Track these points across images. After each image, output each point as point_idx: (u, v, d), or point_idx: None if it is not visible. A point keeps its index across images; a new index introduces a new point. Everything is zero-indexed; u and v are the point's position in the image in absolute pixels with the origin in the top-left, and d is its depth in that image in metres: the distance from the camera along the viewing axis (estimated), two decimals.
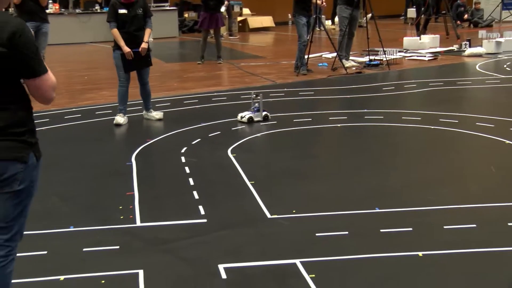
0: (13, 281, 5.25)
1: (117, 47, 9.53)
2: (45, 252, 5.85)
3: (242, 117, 10.80)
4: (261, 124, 10.71)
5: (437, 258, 5.67)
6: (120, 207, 6.92)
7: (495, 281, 5.27)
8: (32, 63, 3.83)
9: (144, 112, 10.84)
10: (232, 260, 5.62)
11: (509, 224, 6.34)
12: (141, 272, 5.42)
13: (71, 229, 6.35)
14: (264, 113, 10.96)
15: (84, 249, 5.89)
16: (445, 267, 5.52)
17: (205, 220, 6.57)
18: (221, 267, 5.51)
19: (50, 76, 3.92)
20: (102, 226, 6.41)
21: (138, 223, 6.51)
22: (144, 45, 9.17)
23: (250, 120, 10.76)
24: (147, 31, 9.67)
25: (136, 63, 9.21)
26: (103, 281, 5.29)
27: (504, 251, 5.75)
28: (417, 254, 5.74)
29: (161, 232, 6.27)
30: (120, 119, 10.53)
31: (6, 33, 3.75)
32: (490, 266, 5.51)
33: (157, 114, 10.63)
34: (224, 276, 5.36)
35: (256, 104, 10.89)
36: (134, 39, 9.26)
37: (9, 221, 4.07)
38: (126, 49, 8.98)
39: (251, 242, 6.04)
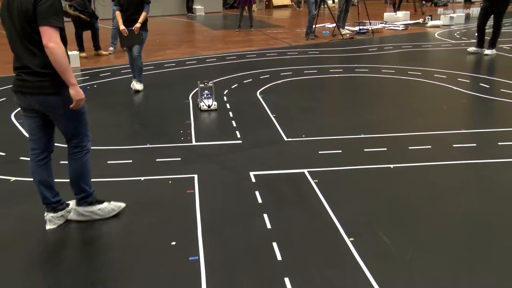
0: (108, 179, 5.38)
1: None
2: (131, 161, 5.96)
3: (203, 105, 8.01)
4: (280, 76, 10.41)
5: (403, 169, 5.72)
6: (181, 131, 7.01)
7: (442, 185, 5.32)
8: (41, 16, 3.78)
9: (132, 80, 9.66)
10: (259, 169, 5.69)
11: (453, 145, 6.38)
12: (196, 176, 5.52)
13: (148, 145, 6.45)
14: (214, 103, 8.11)
15: (157, 159, 6.00)
16: (409, 174, 5.59)
17: (240, 141, 6.65)
18: (251, 174, 5.59)
19: (50, 31, 3.80)
20: (169, 144, 6.51)
21: (194, 142, 6.59)
22: (137, 25, 8.72)
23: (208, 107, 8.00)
24: (143, 14, 8.97)
25: (129, 40, 8.82)
26: (170, 182, 5.40)
27: (449, 164, 5.82)
28: (390, 166, 5.79)
29: (210, 149, 6.35)
30: (135, 85, 9.52)
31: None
32: (439, 174, 5.56)
33: (138, 86, 9.44)
34: (253, 180, 5.45)
35: (207, 92, 8.16)
36: (130, 20, 8.79)
37: (71, 132, 4.24)
38: (122, 27, 8.63)
39: (273, 157, 6.11)
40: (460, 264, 4.05)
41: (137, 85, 9.27)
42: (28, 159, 4.34)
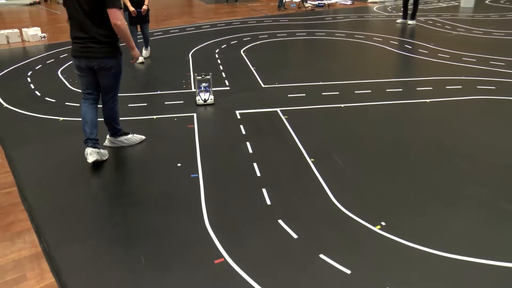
0: (130, 118, 5.32)
1: (125, 8, 8.24)
2: (146, 104, 5.89)
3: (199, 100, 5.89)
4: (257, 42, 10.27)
5: (351, 107, 5.73)
6: (183, 81, 6.92)
7: (378, 119, 5.36)
8: (109, 1, 3.97)
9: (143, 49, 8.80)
10: (243, 109, 5.67)
11: (386, 90, 6.39)
12: (195, 114, 5.49)
13: (158, 92, 6.37)
14: (211, 97, 5.94)
15: (165, 103, 5.94)
16: (355, 111, 5.59)
17: (228, 88, 6.58)
18: (237, 112, 5.57)
19: (117, 12, 3.99)
20: (174, 91, 6.43)
21: (193, 89, 6.52)
22: (144, 7, 8.14)
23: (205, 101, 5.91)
24: None
25: (138, 19, 8.46)
26: (175, 119, 5.37)
27: (383, 103, 5.84)
28: (341, 106, 5.79)
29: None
30: (144, 52, 8.82)
31: None
32: (376, 111, 5.58)
33: (146, 53, 8.70)
34: (239, 117, 5.43)
35: (205, 84, 6.05)
36: (138, 2, 8.37)
37: (112, 86, 4.37)
38: (132, 9, 8.27)
39: (253, 99, 6.07)
40: (391, 175, 4.12)
41: (145, 52, 8.88)
42: (73, 104, 4.38)
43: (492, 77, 7.05)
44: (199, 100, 5.90)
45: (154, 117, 5.43)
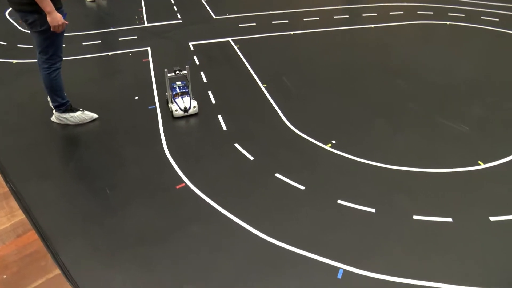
0: (84, 56, 5.02)
1: None
2: (100, 41, 5.59)
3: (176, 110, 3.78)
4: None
5: (300, 34, 5.64)
6: (136, 17, 6.58)
7: (327, 44, 5.30)
8: None
9: None
10: (196, 40, 5.48)
11: (334, 17, 6.28)
12: (149, 49, 5.26)
13: (112, 29, 6.05)
14: (193, 103, 3.84)
15: (119, 39, 5.65)
16: (304, 38, 5.50)
17: (181, 21, 6.32)
18: (190, 43, 5.37)
19: None
20: (128, 27, 6.11)
21: (146, 24, 6.21)
22: None
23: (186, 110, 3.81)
24: None
25: None
26: (130, 54, 5.14)
27: (331, 29, 5.76)
28: (290, 33, 5.67)
29: (158, 28, 5.99)
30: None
31: None
32: (325, 37, 5.52)
33: None
34: (192, 48, 5.25)
35: (180, 84, 4.00)
36: None
37: (42, 47, 3.43)
38: None
39: (205, 30, 5.85)
40: (340, 97, 4.13)
41: None
42: (25, 46, 3.94)
43: (430, 2, 7.03)
44: (177, 111, 3.75)
45: (109, 53, 5.18)
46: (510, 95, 4.21)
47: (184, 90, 3.85)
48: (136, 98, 4.12)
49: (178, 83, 3.96)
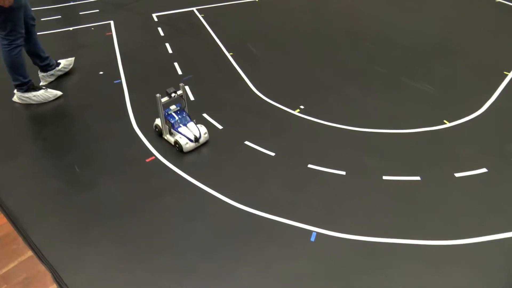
0: (44, 32, 4.82)
1: None
2: (60, 16, 5.35)
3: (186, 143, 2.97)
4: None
5: (266, 2, 5.53)
6: None
7: (293, 11, 5.23)
8: None
9: None
10: (159, 11, 5.32)
11: None
12: (112, 22, 5.09)
13: (71, 3, 5.80)
14: (203, 130, 3.07)
15: (80, 13, 5.44)
16: (269, 5, 5.40)
17: None
18: (154, 15, 5.22)
19: None
20: (87, 0, 5.89)
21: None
22: None
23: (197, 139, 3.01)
24: None
25: None
26: (92, 28, 4.97)
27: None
28: (256, 0, 5.59)
29: (121, 0, 5.79)
30: None
31: None
32: (290, 5, 5.43)
33: None
34: (156, 19, 5.10)
35: (175, 109, 3.13)
36: None
37: (0, 24, 3.23)
38: None
39: (170, 0, 5.68)
40: (308, 63, 4.10)
41: None
42: None
43: None
44: (187, 143, 2.97)
45: (71, 28, 5.00)
46: (472, 55, 4.26)
47: (183, 115, 3.09)
48: (101, 73, 4.01)
49: (173, 107, 3.12)
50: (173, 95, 3.01)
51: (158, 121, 3.14)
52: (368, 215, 2.49)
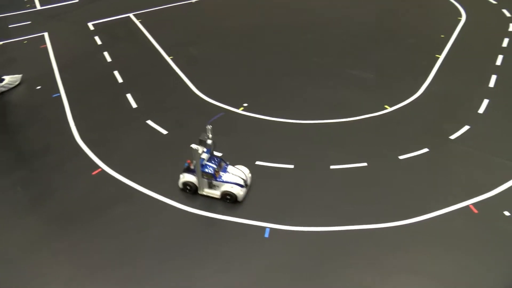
0: None
1: None
2: None
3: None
4: None
5: (202, 2, 5.49)
6: (26, 0, 6.09)
7: (228, 12, 5.22)
8: None
9: None
10: (95, 19, 5.18)
11: None
12: (46, 33, 4.91)
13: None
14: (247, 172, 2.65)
15: (10, 26, 5.22)
16: (206, 5, 5.37)
17: (77, 0, 5.91)
18: (89, 24, 5.06)
19: None
20: (18, 12, 5.62)
21: (39, 7, 5.75)
22: None
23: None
24: None
25: None
26: (25, 42, 4.77)
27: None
28: (192, 1, 5.52)
29: (52, 10, 5.54)
30: None
31: None
32: (227, 3, 5.41)
33: None
34: (92, 28, 4.96)
35: (207, 156, 2.58)
36: None
37: None
38: None
39: (104, 8, 5.50)
40: (248, 60, 4.11)
41: None
42: None
43: None
44: (241, 191, 2.55)
45: (0, 43, 4.79)
46: (405, 41, 4.39)
47: (218, 161, 2.62)
48: (39, 87, 3.86)
49: (204, 155, 2.58)
50: (208, 141, 2.54)
51: (188, 178, 2.58)
52: (319, 206, 2.52)
